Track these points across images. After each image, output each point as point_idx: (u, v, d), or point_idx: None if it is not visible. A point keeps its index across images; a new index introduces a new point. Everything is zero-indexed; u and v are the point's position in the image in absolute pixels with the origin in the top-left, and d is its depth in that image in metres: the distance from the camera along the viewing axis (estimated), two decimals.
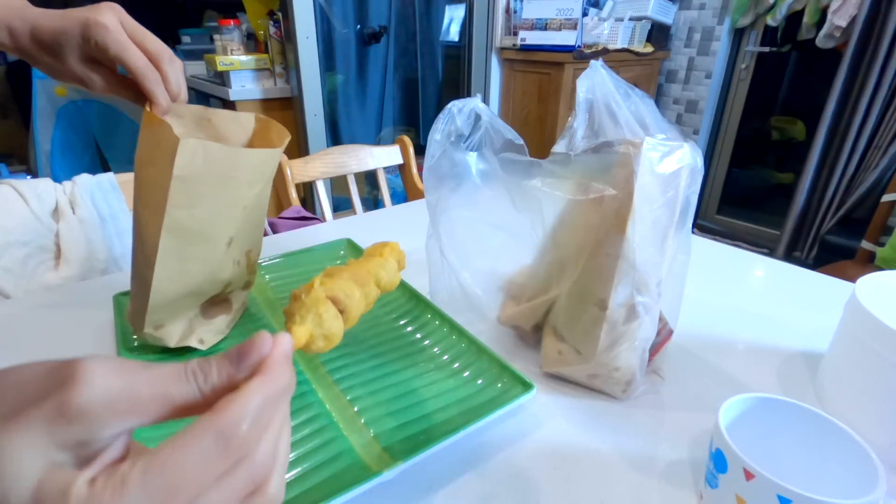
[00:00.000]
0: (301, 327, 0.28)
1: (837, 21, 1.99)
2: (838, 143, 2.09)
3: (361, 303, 0.34)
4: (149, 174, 0.42)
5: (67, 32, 0.40)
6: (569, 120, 0.46)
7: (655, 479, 0.39)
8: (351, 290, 0.33)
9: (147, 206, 0.42)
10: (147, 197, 0.42)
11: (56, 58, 0.42)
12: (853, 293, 0.44)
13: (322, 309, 0.30)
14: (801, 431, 0.36)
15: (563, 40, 2.12)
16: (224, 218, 0.45)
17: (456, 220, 0.55)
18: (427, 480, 0.38)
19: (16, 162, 2.84)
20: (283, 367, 0.21)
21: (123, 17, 0.41)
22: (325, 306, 0.30)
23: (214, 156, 0.40)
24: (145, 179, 0.43)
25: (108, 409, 0.18)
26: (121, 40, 0.40)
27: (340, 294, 0.32)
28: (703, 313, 0.61)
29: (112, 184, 0.92)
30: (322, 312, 0.29)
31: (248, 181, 0.45)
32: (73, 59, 0.42)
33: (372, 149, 1.25)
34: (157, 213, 0.40)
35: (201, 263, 0.46)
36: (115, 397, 0.18)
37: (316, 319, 0.29)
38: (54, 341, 0.55)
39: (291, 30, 1.77)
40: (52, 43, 0.41)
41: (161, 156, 0.39)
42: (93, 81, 0.43)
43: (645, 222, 0.42)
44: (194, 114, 0.48)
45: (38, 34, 0.41)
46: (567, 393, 0.48)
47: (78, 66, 0.42)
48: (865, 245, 1.65)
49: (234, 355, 0.21)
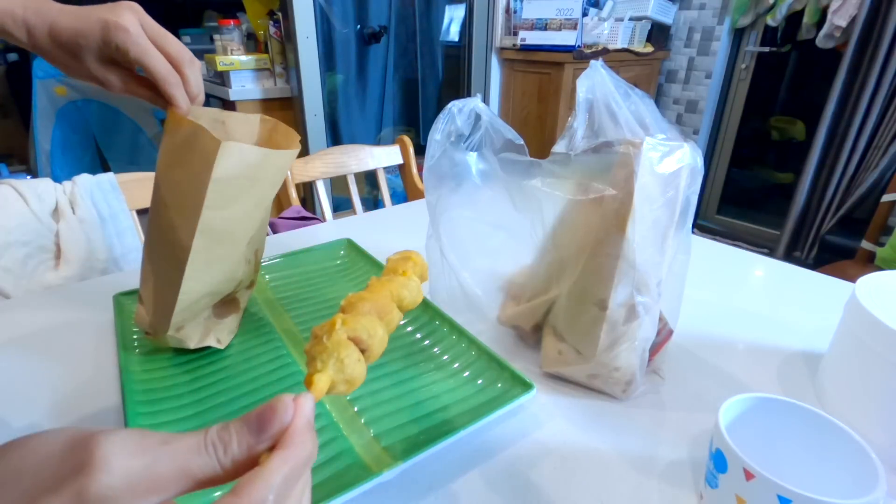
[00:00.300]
0: (323, 375, 0.27)
1: (837, 21, 1.99)
2: (838, 143, 2.09)
3: (385, 339, 0.32)
4: (177, 176, 0.42)
5: (87, 35, 0.40)
6: (569, 120, 0.46)
7: (655, 479, 0.39)
8: (374, 329, 0.31)
9: (175, 209, 0.42)
10: (175, 199, 0.42)
11: (74, 58, 0.41)
12: (853, 293, 0.44)
13: (344, 354, 0.28)
14: (801, 431, 0.36)
15: (563, 40, 2.12)
16: (250, 218, 0.46)
17: (456, 220, 0.55)
18: (427, 480, 0.38)
19: (16, 162, 2.84)
20: (305, 437, 0.20)
21: (143, 19, 0.41)
22: (348, 350, 0.29)
23: (249, 158, 0.40)
24: (173, 182, 0.43)
25: (129, 492, 0.17)
26: (141, 44, 0.40)
27: (363, 334, 0.30)
28: (703, 313, 0.61)
29: (112, 184, 0.92)
30: (344, 357, 0.28)
31: (271, 182, 0.46)
32: (92, 60, 0.41)
33: (372, 149, 1.25)
34: (188, 215, 0.40)
35: (225, 264, 0.46)
36: (136, 479, 0.17)
37: (338, 365, 0.28)
38: (54, 341, 0.55)
39: (291, 30, 1.77)
40: (71, 43, 0.40)
41: (195, 158, 0.39)
42: (111, 83, 0.43)
43: (645, 222, 0.42)
44: (210, 116, 0.48)
45: (56, 34, 0.40)
46: (567, 393, 0.48)
47: (96, 67, 0.42)
48: (865, 245, 1.65)
49: (255, 424, 0.20)
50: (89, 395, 0.47)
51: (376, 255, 0.68)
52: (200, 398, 0.45)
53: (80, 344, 0.54)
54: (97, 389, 0.48)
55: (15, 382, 0.49)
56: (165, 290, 0.45)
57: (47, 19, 0.41)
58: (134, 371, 0.47)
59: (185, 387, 0.46)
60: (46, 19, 0.41)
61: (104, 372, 0.50)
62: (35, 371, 0.50)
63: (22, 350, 0.53)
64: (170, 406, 0.44)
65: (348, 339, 0.29)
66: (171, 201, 0.43)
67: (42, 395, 0.47)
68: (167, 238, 0.44)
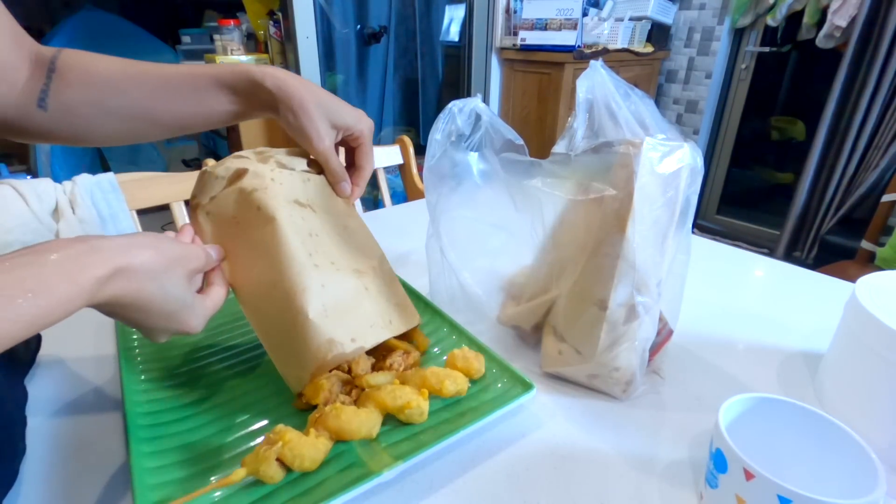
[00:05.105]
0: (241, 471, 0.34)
1: (837, 21, 1.99)
2: (838, 143, 2.09)
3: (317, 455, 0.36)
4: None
5: (353, 130, 0.49)
6: (569, 120, 0.46)
7: (655, 479, 0.39)
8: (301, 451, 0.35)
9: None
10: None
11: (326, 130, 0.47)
12: (853, 293, 0.44)
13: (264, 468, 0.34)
14: (801, 431, 0.36)
15: (563, 40, 2.12)
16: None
17: (456, 219, 0.55)
18: (427, 480, 0.38)
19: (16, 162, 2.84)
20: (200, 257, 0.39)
21: (371, 129, 0.51)
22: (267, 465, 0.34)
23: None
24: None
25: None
26: (367, 151, 0.50)
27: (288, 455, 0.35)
28: (703, 313, 0.61)
29: (112, 184, 0.92)
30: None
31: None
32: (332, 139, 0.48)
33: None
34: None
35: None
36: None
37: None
38: (54, 341, 0.55)
39: (291, 30, 1.78)
40: (347, 134, 0.49)
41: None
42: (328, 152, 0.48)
43: (645, 222, 0.42)
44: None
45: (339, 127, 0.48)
46: (567, 393, 0.48)
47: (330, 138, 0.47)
48: (865, 245, 1.65)
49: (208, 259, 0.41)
50: (89, 396, 0.47)
51: None
52: (199, 390, 0.45)
53: (80, 344, 0.54)
54: (97, 389, 0.48)
55: None
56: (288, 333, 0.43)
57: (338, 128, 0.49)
58: (133, 371, 0.47)
59: (185, 386, 0.46)
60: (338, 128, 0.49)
61: (104, 371, 0.50)
62: (35, 371, 0.50)
63: None
64: (171, 407, 0.44)
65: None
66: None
67: (42, 394, 0.47)
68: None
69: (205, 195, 0.45)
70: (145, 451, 0.37)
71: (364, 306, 0.45)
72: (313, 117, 0.45)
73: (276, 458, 0.34)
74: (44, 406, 0.46)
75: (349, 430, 0.37)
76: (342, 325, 0.42)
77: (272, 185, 0.44)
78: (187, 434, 0.40)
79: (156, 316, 0.34)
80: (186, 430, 0.40)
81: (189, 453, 0.38)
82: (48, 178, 0.87)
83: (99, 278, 0.29)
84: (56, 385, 0.48)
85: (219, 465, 0.37)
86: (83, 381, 0.49)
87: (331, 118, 0.46)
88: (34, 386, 0.48)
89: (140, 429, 0.39)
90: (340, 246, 0.47)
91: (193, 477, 0.36)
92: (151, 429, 0.40)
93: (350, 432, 0.37)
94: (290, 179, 0.46)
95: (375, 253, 0.50)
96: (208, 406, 0.43)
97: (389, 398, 0.39)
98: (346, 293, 0.44)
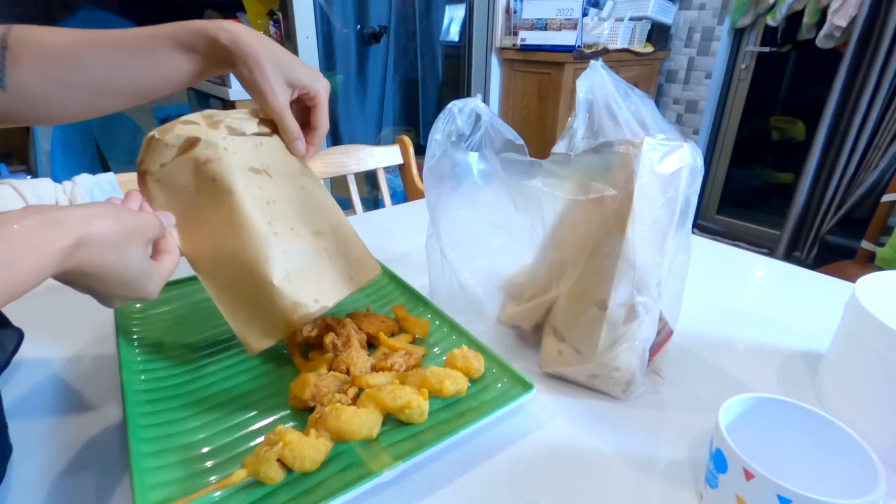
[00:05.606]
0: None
1: (837, 21, 1.99)
2: (838, 143, 2.09)
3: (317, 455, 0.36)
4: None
5: (309, 89, 0.48)
6: (569, 120, 0.46)
7: (655, 479, 0.39)
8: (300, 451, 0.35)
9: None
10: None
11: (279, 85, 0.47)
12: (853, 293, 0.44)
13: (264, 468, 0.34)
14: (801, 431, 0.36)
15: (563, 40, 2.12)
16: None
17: (456, 219, 0.55)
18: (427, 480, 0.38)
19: (16, 162, 2.84)
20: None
21: (327, 90, 0.50)
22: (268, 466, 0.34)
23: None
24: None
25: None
26: (322, 111, 0.50)
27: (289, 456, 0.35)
28: (703, 313, 0.61)
29: (112, 183, 0.92)
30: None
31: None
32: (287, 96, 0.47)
33: (372, 149, 1.25)
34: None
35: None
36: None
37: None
38: (54, 341, 0.55)
39: (291, 30, 1.78)
40: (303, 93, 0.49)
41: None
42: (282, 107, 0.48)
43: (645, 222, 0.42)
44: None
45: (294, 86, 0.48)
46: (567, 393, 0.48)
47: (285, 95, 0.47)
48: (865, 245, 1.65)
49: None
50: (89, 396, 0.47)
51: (376, 255, 0.68)
52: (199, 390, 0.45)
53: (80, 344, 0.54)
54: (96, 389, 0.48)
55: (14, 381, 0.49)
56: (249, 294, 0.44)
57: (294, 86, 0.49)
58: (133, 371, 0.47)
59: (185, 386, 0.46)
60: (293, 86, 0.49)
61: (104, 371, 0.50)
62: (35, 370, 0.50)
63: (22, 349, 0.53)
64: (171, 407, 0.43)
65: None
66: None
67: (42, 394, 0.47)
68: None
69: (154, 162, 0.44)
70: (145, 451, 0.37)
71: (324, 267, 0.48)
72: (268, 73, 0.45)
73: (277, 459, 0.34)
74: (43, 406, 0.46)
75: (349, 431, 0.37)
76: (306, 287, 0.45)
77: (226, 155, 0.43)
78: (187, 434, 0.40)
79: (115, 285, 0.35)
80: (186, 430, 0.40)
81: (189, 453, 0.38)
82: (48, 178, 0.87)
83: (65, 248, 0.30)
84: (55, 385, 0.48)
85: (219, 466, 0.37)
86: (83, 381, 0.49)
87: (286, 75, 0.46)
88: (34, 386, 0.48)
89: (140, 429, 0.39)
90: (298, 209, 0.48)
91: (193, 477, 0.36)
92: (151, 429, 0.40)
93: (350, 433, 0.37)
94: (243, 147, 0.46)
95: (333, 211, 0.51)
96: (208, 406, 0.43)
97: (389, 398, 0.39)
98: (307, 257, 0.46)
